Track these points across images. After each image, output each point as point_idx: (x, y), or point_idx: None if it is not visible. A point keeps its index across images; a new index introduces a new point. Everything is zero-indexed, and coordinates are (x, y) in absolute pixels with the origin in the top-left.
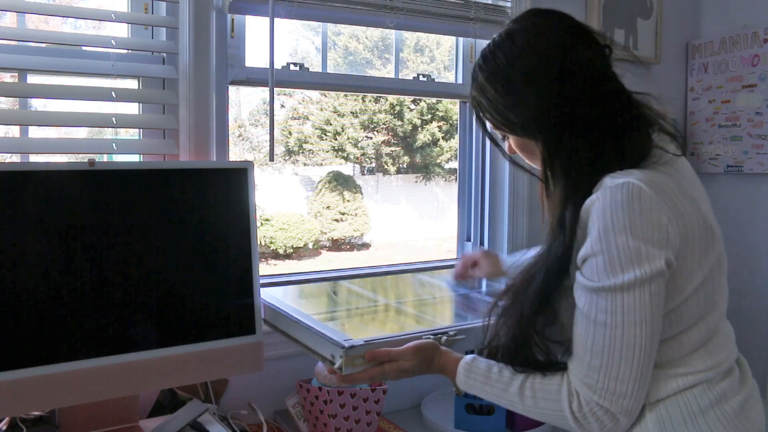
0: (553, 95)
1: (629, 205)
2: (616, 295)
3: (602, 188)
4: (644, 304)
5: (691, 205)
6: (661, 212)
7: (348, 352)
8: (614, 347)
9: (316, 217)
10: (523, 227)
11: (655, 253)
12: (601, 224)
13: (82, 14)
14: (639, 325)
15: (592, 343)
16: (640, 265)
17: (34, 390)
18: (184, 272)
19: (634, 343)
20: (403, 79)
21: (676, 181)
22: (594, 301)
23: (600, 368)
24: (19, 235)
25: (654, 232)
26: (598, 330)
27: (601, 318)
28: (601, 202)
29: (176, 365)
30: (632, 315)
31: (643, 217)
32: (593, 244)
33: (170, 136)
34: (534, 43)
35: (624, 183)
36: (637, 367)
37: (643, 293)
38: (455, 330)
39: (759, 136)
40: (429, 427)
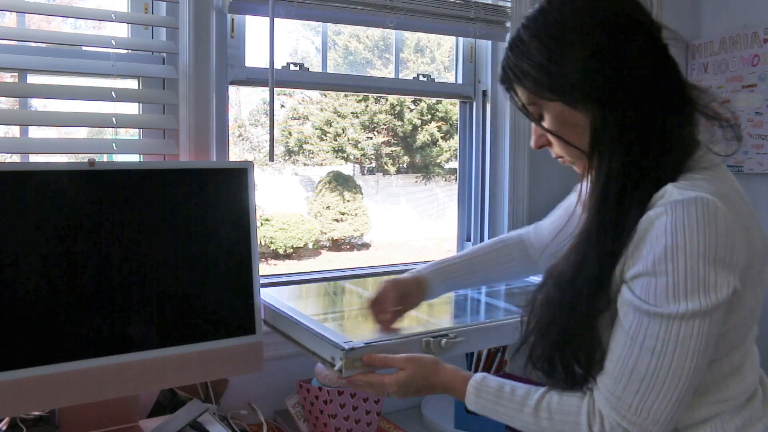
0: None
1: (706, 227)
2: (673, 323)
3: (670, 201)
4: (702, 334)
5: (752, 217)
6: (735, 233)
7: (348, 354)
8: (658, 376)
9: (316, 217)
10: (523, 227)
11: (724, 281)
12: (669, 242)
13: (82, 14)
14: (692, 356)
15: (633, 368)
16: (707, 294)
17: (34, 390)
18: (184, 272)
19: (681, 374)
20: (403, 79)
21: (734, 189)
22: (645, 324)
23: (636, 394)
24: (19, 235)
25: (727, 256)
26: (643, 355)
27: (649, 344)
28: (671, 217)
29: (176, 365)
30: (687, 345)
31: (719, 240)
32: (656, 263)
33: (170, 136)
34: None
35: (698, 198)
36: (677, 397)
37: (704, 324)
38: (455, 332)
39: (759, 136)
40: (429, 427)
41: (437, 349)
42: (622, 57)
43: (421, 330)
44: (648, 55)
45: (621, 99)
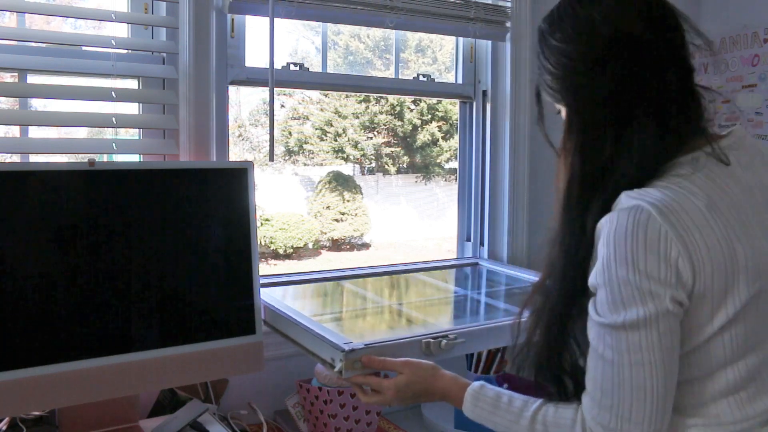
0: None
1: (633, 236)
2: (620, 333)
3: (615, 210)
4: (651, 344)
5: (717, 235)
6: (669, 245)
7: (348, 355)
8: (623, 387)
9: (316, 217)
10: (523, 227)
11: (660, 292)
12: (605, 253)
13: (82, 14)
14: (647, 366)
15: (602, 381)
16: (643, 304)
17: (34, 390)
18: (184, 272)
19: (644, 384)
20: (404, 79)
21: (707, 202)
22: (601, 335)
23: (611, 408)
24: (19, 235)
25: (659, 267)
26: (606, 367)
27: (608, 355)
28: (607, 227)
29: (176, 365)
30: (639, 355)
31: (647, 249)
32: (598, 275)
33: (170, 136)
34: (591, 8)
35: (633, 207)
36: (650, 408)
37: (650, 333)
38: (455, 333)
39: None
40: (429, 427)
41: (437, 350)
42: (594, 72)
43: (421, 331)
44: (630, 70)
45: (588, 109)
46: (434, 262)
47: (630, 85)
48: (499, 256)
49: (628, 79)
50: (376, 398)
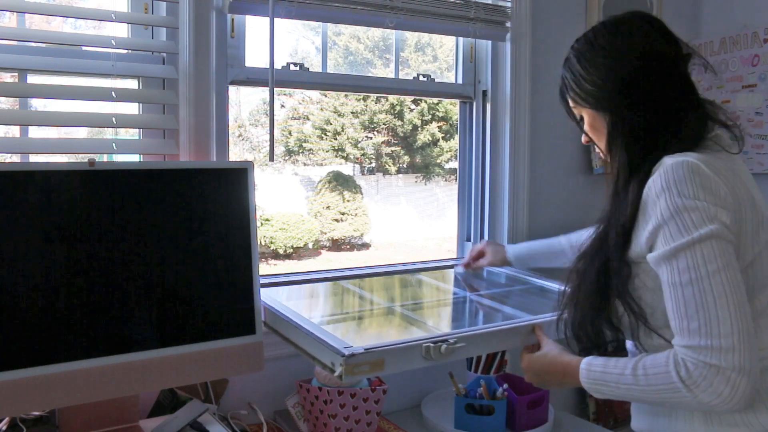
0: (627, 73)
1: (691, 178)
2: (695, 249)
3: (662, 167)
4: (723, 250)
5: (743, 188)
6: (719, 185)
7: (348, 360)
8: (707, 301)
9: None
10: (523, 227)
11: (720, 215)
12: (667, 195)
13: (82, 14)
14: (724, 272)
15: (685, 307)
16: (710, 221)
17: (34, 390)
18: (184, 272)
19: (724, 290)
20: (404, 79)
21: (729, 167)
22: (675, 265)
23: (699, 329)
24: (19, 235)
25: (715, 199)
26: (686, 291)
27: (685, 278)
28: (663, 177)
29: (176, 365)
30: (714, 263)
31: (704, 187)
32: (662, 214)
33: (170, 136)
34: (623, 29)
35: (683, 161)
36: (735, 316)
37: (720, 243)
38: (455, 337)
39: (759, 136)
40: (429, 427)
41: (437, 354)
42: (635, 81)
43: (422, 334)
44: (661, 80)
45: (633, 108)
46: (434, 262)
47: (661, 91)
48: None
49: (659, 86)
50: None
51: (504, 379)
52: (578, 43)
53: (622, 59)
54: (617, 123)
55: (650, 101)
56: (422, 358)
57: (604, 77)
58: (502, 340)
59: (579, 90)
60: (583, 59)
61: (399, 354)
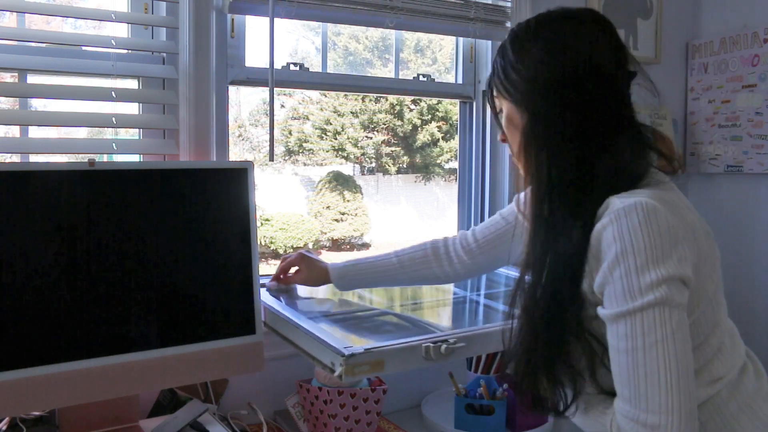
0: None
1: (647, 226)
2: (635, 318)
3: (613, 210)
4: (665, 320)
5: (697, 221)
6: (677, 231)
7: (348, 360)
8: (638, 374)
9: (316, 217)
10: None
11: (676, 272)
12: (618, 249)
13: (82, 14)
14: (661, 344)
15: (620, 373)
16: (659, 288)
17: (34, 390)
18: (184, 272)
19: (658, 367)
20: (403, 79)
21: (679, 198)
22: (615, 330)
23: (630, 399)
24: (19, 235)
25: (673, 251)
26: (622, 358)
27: (622, 345)
28: (616, 226)
29: (176, 365)
30: (653, 335)
31: (662, 237)
32: (611, 271)
33: (170, 136)
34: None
35: (637, 202)
36: (666, 394)
37: (663, 312)
38: (455, 338)
39: (759, 136)
40: (429, 427)
41: (437, 355)
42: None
43: (422, 335)
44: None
45: (553, 117)
46: None
47: (595, 105)
48: None
49: (593, 100)
50: None
51: (504, 379)
52: (518, 27)
53: (558, 56)
54: (534, 126)
55: (580, 113)
56: (422, 359)
57: (533, 69)
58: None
59: (504, 77)
60: (517, 44)
61: (399, 354)
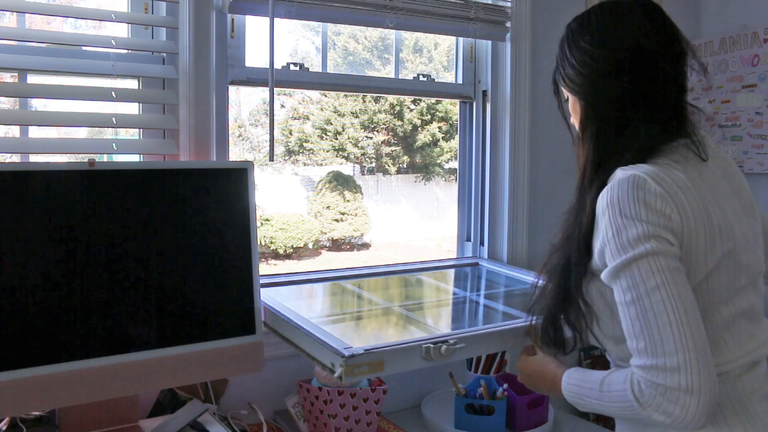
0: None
1: (634, 196)
2: (632, 268)
3: (612, 180)
4: (660, 267)
5: (696, 201)
6: (663, 203)
7: (348, 361)
8: (648, 320)
9: (316, 217)
10: (523, 227)
11: (660, 234)
12: (610, 212)
13: (82, 14)
14: (663, 288)
15: (632, 327)
16: (647, 241)
17: (34, 390)
18: (185, 272)
19: (665, 308)
20: (403, 79)
21: (689, 178)
22: (619, 285)
23: (646, 349)
24: (19, 235)
25: (658, 217)
26: (630, 311)
27: (628, 297)
28: (609, 194)
29: (176, 365)
30: (652, 280)
31: (647, 206)
32: (605, 233)
33: (170, 136)
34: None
35: (631, 175)
36: (678, 334)
37: (657, 260)
38: (455, 338)
39: (759, 136)
40: (429, 427)
41: (437, 355)
42: (614, 75)
43: (422, 335)
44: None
45: (604, 104)
46: (434, 262)
47: (639, 90)
48: (498, 256)
49: (638, 85)
50: (520, 361)
51: (504, 379)
52: (573, 21)
53: (604, 48)
54: (590, 112)
55: (625, 98)
56: (422, 359)
57: (583, 63)
58: (502, 340)
59: (563, 71)
60: (570, 39)
61: (399, 354)
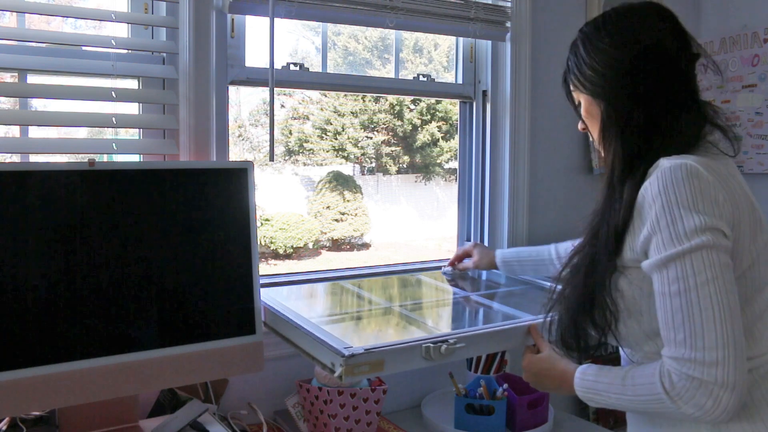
0: (628, 63)
1: (689, 182)
2: (684, 260)
3: (659, 169)
4: (713, 262)
5: (741, 191)
6: (717, 191)
7: (348, 360)
8: (693, 312)
9: (316, 217)
10: (523, 227)
11: (717, 224)
12: (663, 200)
13: (82, 14)
14: (712, 283)
15: (672, 318)
16: (703, 233)
17: (34, 390)
18: (184, 272)
19: (711, 303)
20: (403, 79)
21: (726, 170)
22: (665, 275)
23: (685, 341)
24: (19, 235)
25: (714, 207)
26: (674, 302)
27: (674, 288)
28: (660, 182)
29: (176, 365)
30: (703, 274)
31: (703, 193)
32: (657, 221)
33: (170, 136)
34: (632, 18)
35: (682, 163)
36: (721, 330)
37: (711, 254)
38: (455, 338)
39: (759, 136)
40: (429, 427)
41: (437, 355)
42: (635, 73)
43: (422, 335)
44: (661, 76)
45: (626, 102)
46: (434, 262)
47: (660, 87)
48: None
49: (659, 82)
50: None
51: (504, 379)
52: (587, 26)
53: (624, 48)
54: (611, 112)
55: (647, 95)
56: (422, 359)
57: (604, 64)
58: (502, 340)
59: (579, 74)
60: (588, 43)
61: (399, 354)
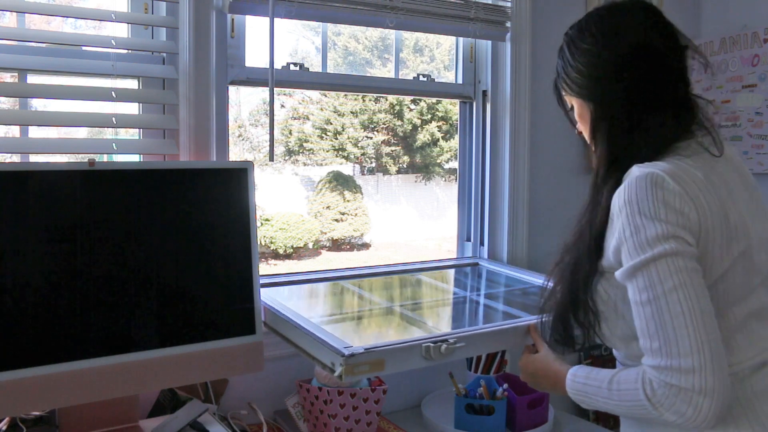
0: (612, 63)
1: (653, 192)
2: (650, 268)
3: (629, 177)
4: (679, 268)
5: (714, 200)
6: (682, 202)
7: (348, 360)
8: (664, 320)
9: (316, 217)
10: (523, 227)
11: (679, 233)
12: (627, 210)
13: (82, 14)
14: (681, 289)
15: (647, 326)
16: (666, 241)
17: (34, 390)
18: (184, 272)
19: (682, 309)
20: (403, 79)
21: (704, 175)
22: (635, 284)
23: (660, 349)
24: (19, 235)
25: (677, 216)
26: (646, 310)
27: (644, 297)
28: (626, 191)
29: (176, 365)
30: (670, 281)
31: (666, 204)
32: (623, 231)
33: (170, 136)
34: (616, 16)
35: (648, 173)
36: (694, 335)
37: (676, 260)
38: (455, 337)
39: (759, 136)
40: (429, 427)
41: (437, 354)
42: (622, 72)
43: (422, 334)
44: (648, 74)
45: (614, 102)
46: (434, 262)
47: (648, 86)
48: (498, 256)
49: (647, 81)
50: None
51: (504, 379)
52: (571, 29)
53: (609, 48)
54: (599, 113)
55: (635, 94)
56: (422, 358)
57: (589, 65)
58: (502, 340)
59: (566, 77)
60: (572, 45)
61: (399, 354)
